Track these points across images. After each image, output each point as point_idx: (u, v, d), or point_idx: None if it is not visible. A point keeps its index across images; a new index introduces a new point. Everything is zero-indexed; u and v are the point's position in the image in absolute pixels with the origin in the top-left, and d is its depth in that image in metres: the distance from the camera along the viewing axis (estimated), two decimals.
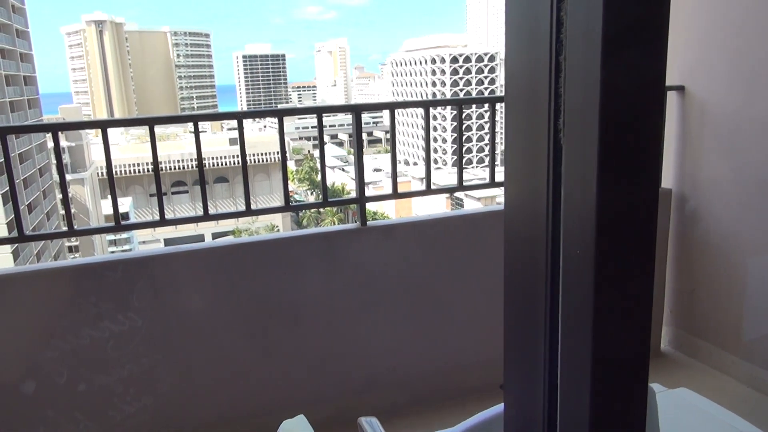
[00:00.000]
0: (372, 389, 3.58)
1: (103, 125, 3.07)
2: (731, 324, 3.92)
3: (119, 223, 3.11)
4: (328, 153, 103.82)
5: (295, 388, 3.44)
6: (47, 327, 2.99)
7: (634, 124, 0.62)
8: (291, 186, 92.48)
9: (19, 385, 2.98)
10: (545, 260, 0.74)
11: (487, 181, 3.78)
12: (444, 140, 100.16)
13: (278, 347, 3.37)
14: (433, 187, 3.80)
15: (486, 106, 4.01)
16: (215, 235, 70.61)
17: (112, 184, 3.08)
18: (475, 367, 3.75)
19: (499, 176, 3.90)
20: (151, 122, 3.08)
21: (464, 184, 3.89)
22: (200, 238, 68.78)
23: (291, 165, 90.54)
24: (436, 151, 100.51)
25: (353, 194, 3.46)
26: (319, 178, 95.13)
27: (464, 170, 3.90)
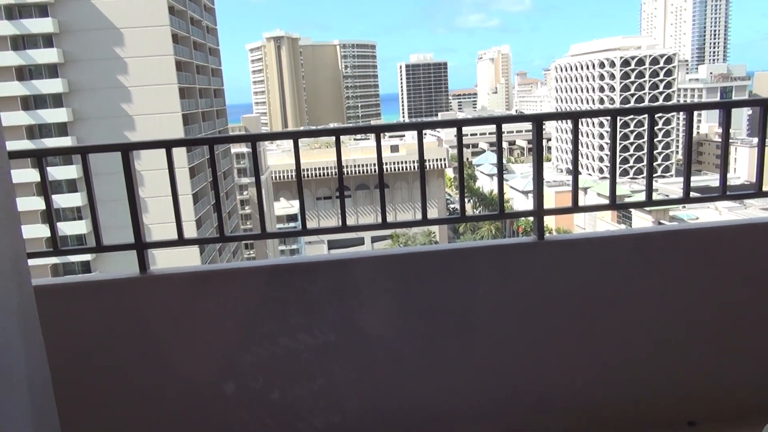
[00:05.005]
0: (544, 409, 3.42)
1: (295, 136, 3.28)
2: None
3: (305, 227, 3.30)
4: (486, 161, 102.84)
5: (466, 399, 3.39)
6: (248, 332, 3.18)
7: None
8: (448, 191, 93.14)
9: (221, 384, 3.21)
10: None
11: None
12: (601, 148, 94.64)
13: (451, 357, 3.34)
14: (601, 198, 3.54)
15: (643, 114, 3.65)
16: (373, 239, 73.24)
17: (300, 190, 3.28)
18: (658, 399, 3.43)
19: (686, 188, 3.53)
20: (337, 133, 3.22)
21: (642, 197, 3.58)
22: (360, 241, 71.79)
23: (449, 172, 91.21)
24: (602, 159, 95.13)
25: (513, 204, 3.33)
26: (476, 185, 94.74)
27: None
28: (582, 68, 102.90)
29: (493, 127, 3.31)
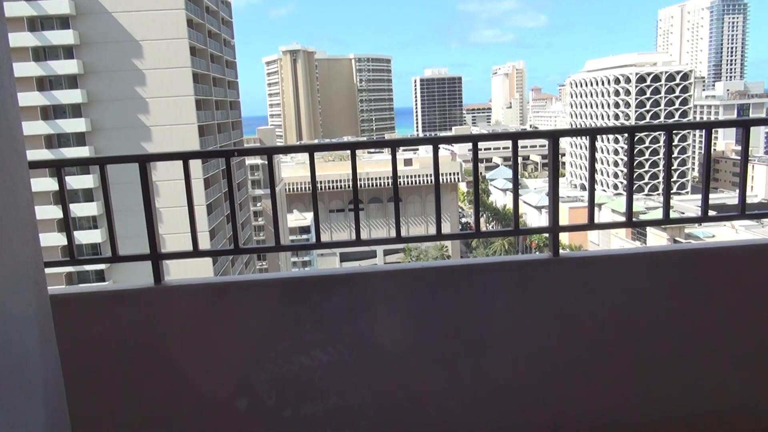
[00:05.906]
0: (559, 428, 3.37)
1: (311, 149, 3.28)
2: None
3: (320, 240, 3.29)
4: (500, 175, 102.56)
5: (480, 416, 3.34)
6: (262, 347, 3.15)
7: None
8: (461, 205, 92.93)
9: (234, 400, 3.17)
10: None
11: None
12: (616, 164, 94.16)
13: (465, 373, 3.30)
14: (615, 214, 3.50)
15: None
16: (385, 252, 73.21)
17: (315, 204, 3.28)
18: (677, 420, 3.36)
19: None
20: (353, 147, 3.23)
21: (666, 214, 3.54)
22: (372, 253, 71.76)
23: (462, 186, 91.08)
24: (617, 176, 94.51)
25: (526, 219, 3.29)
26: (489, 199, 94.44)
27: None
28: (597, 84, 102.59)
29: (506, 142, 3.30)
